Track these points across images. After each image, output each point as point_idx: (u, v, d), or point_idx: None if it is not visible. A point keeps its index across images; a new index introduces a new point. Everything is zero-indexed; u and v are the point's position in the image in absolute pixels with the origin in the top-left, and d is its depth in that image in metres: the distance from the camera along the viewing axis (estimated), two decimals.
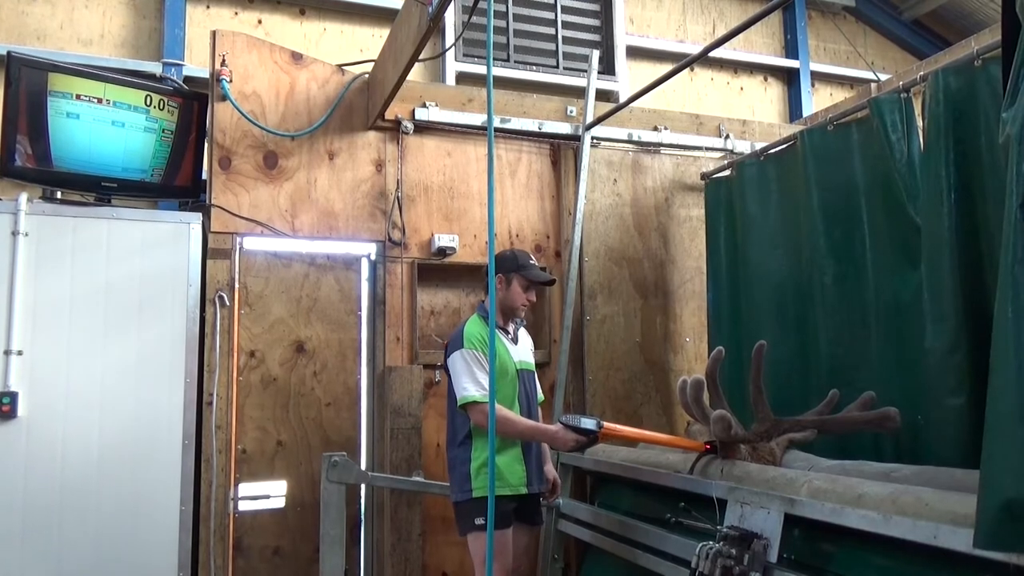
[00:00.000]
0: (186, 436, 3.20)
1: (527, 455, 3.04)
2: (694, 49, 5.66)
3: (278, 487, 3.47)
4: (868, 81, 5.48)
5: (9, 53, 3.01)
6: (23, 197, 3.04)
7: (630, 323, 4.02)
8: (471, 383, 2.88)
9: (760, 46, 6.08)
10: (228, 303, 3.39)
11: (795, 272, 3.40)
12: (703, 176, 4.11)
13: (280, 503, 3.45)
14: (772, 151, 3.61)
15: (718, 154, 4.36)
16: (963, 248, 2.56)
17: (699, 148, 4.30)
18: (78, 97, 3.11)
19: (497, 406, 2.66)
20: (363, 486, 3.57)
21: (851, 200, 3.12)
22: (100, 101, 3.16)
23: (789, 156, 3.49)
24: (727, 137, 4.35)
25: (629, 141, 4.16)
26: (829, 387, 2.86)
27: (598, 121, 3.91)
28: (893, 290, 2.91)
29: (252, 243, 3.51)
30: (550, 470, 3.25)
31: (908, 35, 6.46)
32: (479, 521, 2.84)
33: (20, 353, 2.97)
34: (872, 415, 2.65)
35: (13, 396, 2.93)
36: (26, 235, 3.01)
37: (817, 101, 6.09)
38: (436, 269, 3.80)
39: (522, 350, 3.19)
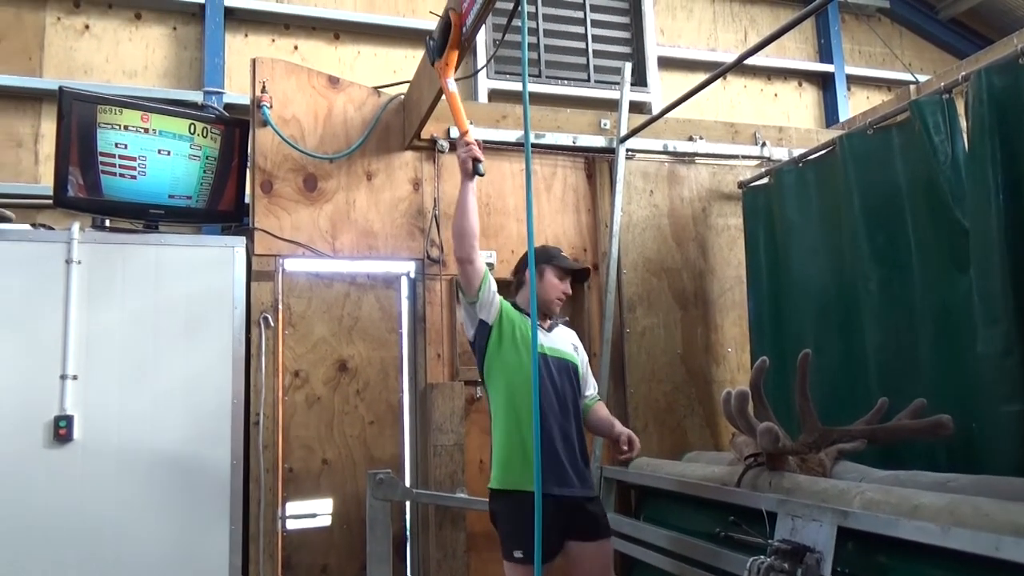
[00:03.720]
0: (234, 456, 3.25)
1: (552, 446, 2.68)
2: (726, 57, 5.64)
3: (324, 505, 3.51)
4: (906, 83, 5.40)
5: (61, 88, 3.13)
6: (75, 227, 3.14)
7: (670, 334, 4.00)
8: None
9: (793, 51, 6.03)
10: (272, 324, 3.46)
11: (838, 278, 3.36)
12: (740, 185, 4.09)
13: (327, 521, 3.49)
14: (811, 157, 3.58)
15: (755, 162, 4.33)
16: (1013, 249, 2.51)
17: (735, 157, 4.27)
18: (126, 128, 3.21)
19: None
20: (408, 503, 3.59)
21: (894, 204, 3.07)
22: (147, 131, 3.26)
23: (828, 162, 3.46)
24: (763, 145, 4.32)
25: (664, 152, 4.16)
26: (877, 395, 2.81)
27: (632, 133, 3.92)
28: (941, 294, 2.85)
29: (294, 264, 3.58)
30: (620, 429, 2.92)
31: (946, 35, 6.35)
32: (517, 554, 2.58)
33: (75, 378, 3.06)
34: (924, 423, 2.59)
35: (69, 420, 3.02)
36: (79, 263, 3.11)
37: (854, 105, 6.00)
38: None
39: (557, 339, 2.97)
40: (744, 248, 3.96)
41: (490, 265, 3.77)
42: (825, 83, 6.07)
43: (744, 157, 4.29)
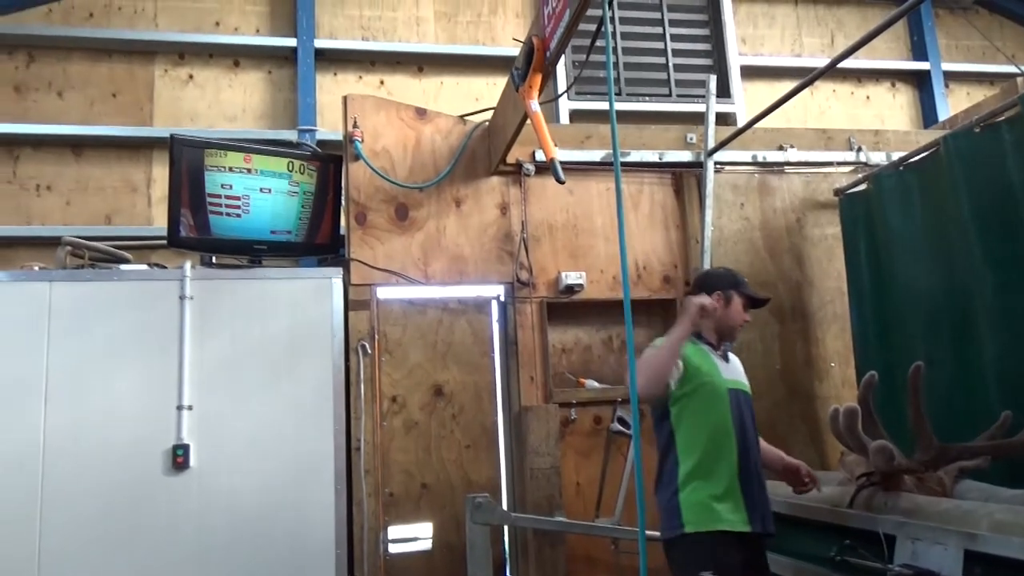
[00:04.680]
0: (338, 481, 3.35)
1: (747, 483, 2.56)
2: (812, 63, 5.49)
3: (424, 529, 3.56)
4: (1011, 76, 5.12)
5: (172, 136, 3.35)
6: (188, 265, 3.33)
7: (768, 350, 3.89)
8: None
9: (884, 51, 5.81)
10: (370, 351, 3.56)
11: (948, 285, 3.19)
12: (836, 192, 3.96)
13: (427, 545, 3.54)
14: (912, 160, 3.43)
15: (850, 168, 4.19)
16: None
17: (829, 164, 4.15)
18: (230, 169, 3.40)
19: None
20: (506, 526, 3.60)
21: (1007, 204, 2.91)
22: (249, 171, 3.44)
23: (932, 163, 3.31)
24: (859, 150, 4.17)
25: (754, 163, 4.08)
26: (998, 408, 2.65)
27: (720, 146, 3.86)
28: None
29: (388, 292, 3.69)
30: (791, 461, 2.81)
31: None
32: None
33: (190, 408, 3.23)
34: None
35: (186, 448, 3.18)
36: (191, 298, 3.30)
37: (953, 103, 5.73)
38: (565, 307, 3.84)
39: (734, 370, 2.82)
40: (844, 258, 3.82)
41: (580, 286, 3.78)
42: (920, 82, 5.82)
43: (839, 164, 4.15)
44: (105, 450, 3.15)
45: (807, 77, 3.15)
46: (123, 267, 3.48)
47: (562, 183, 2.76)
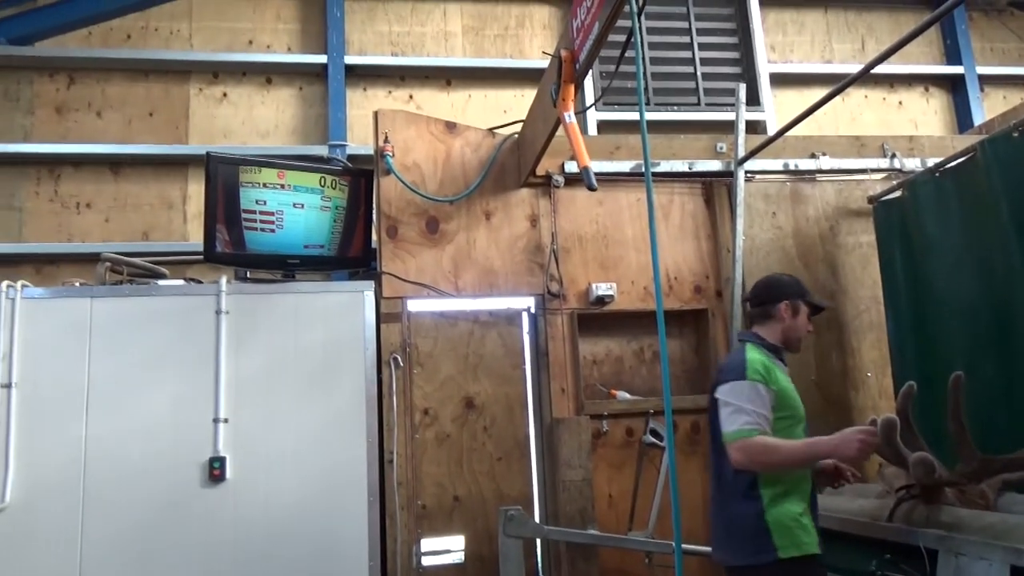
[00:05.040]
0: (371, 493, 3.36)
1: (814, 501, 2.51)
2: (842, 69, 5.45)
3: (457, 542, 3.56)
4: None
5: (208, 153, 3.42)
6: (223, 279, 3.39)
7: (803, 360, 3.83)
8: (744, 415, 2.37)
9: (917, 56, 5.73)
10: (402, 364, 3.58)
11: (988, 293, 3.13)
12: (870, 200, 3.91)
13: (459, 557, 3.54)
14: (949, 166, 3.38)
15: (883, 175, 4.13)
16: None
17: (863, 171, 4.10)
18: (264, 185, 3.46)
19: (758, 438, 2.33)
20: (539, 539, 3.59)
21: None
22: (282, 187, 3.50)
23: (969, 169, 3.26)
24: (893, 156, 4.12)
25: (785, 171, 4.05)
26: None
27: (751, 155, 3.84)
28: None
29: (419, 305, 3.71)
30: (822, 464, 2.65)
31: None
32: None
33: (226, 421, 3.27)
34: None
35: (222, 460, 3.23)
36: (227, 313, 3.35)
37: (989, 107, 5.63)
38: (596, 318, 3.83)
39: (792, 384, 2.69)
40: (879, 266, 3.77)
41: (610, 297, 3.77)
42: (955, 86, 5.73)
43: (872, 171, 4.10)
44: (144, 462, 3.21)
45: (839, 84, 3.12)
46: (160, 282, 3.55)
47: (594, 190, 2.76)
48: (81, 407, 3.21)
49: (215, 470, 3.22)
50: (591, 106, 4.66)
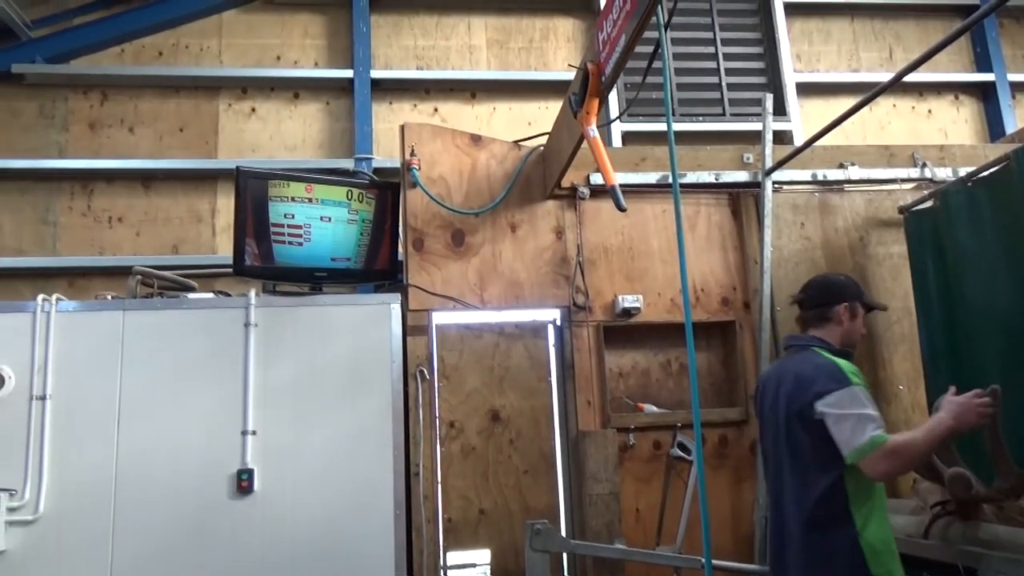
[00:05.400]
0: (397, 506, 3.37)
1: None
2: (869, 78, 5.40)
3: (483, 556, 3.55)
4: None
5: (238, 168, 3.47)
6: (252, 293, 3.43)
7: None
8: (871, 422, 2.20)
9: (946, 64, 5.66)
10: (428, 376, 3.59)
11: (1023, 304, 3.07)
12: (901, 210, 3.86)
13: (485, 572, 3.53)
14: (982, 175, 3.33)
15: (913, 184, 4.08)
16: None
17: (892, 181, 4.04)
18: (292, 199, 3.50)
19: (893, 438, 2.19)
20: (565, 553, 3.57)
21: None
22: (310, 200, 3.54)
23: (1002, 178, 3.20)
24: (923, 166, 4.06)
25: (813, 182, 4.01)
26: None
27: (778, 165, 3.81)
28: None
29: (445, 317, 3.72)
30: None
31: None
32: None
33: (254, 433, 3.30)
34: None
35: (250, 473, 3.25)
36: (256, 326, 3.39)
37: (1021, 115, 5.55)
38: (622, 330, 3.82)
39: None
40: (911, 277, 3.71)
41: (637, 309, 3.76)
42: (985, 94, 5.66)
43: (902, 181, 4.04)
44: (173, 474, 3.24)
45: (869, 93, 3.09)
46: (190, 295, 3.60)
47: (623, 211, 2.74)
48: (113, 419, 3.25)
49: (243, 482, 3.24)
50: (615, 119, 4.66)
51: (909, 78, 5.42)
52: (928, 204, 3.68)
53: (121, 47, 4.88)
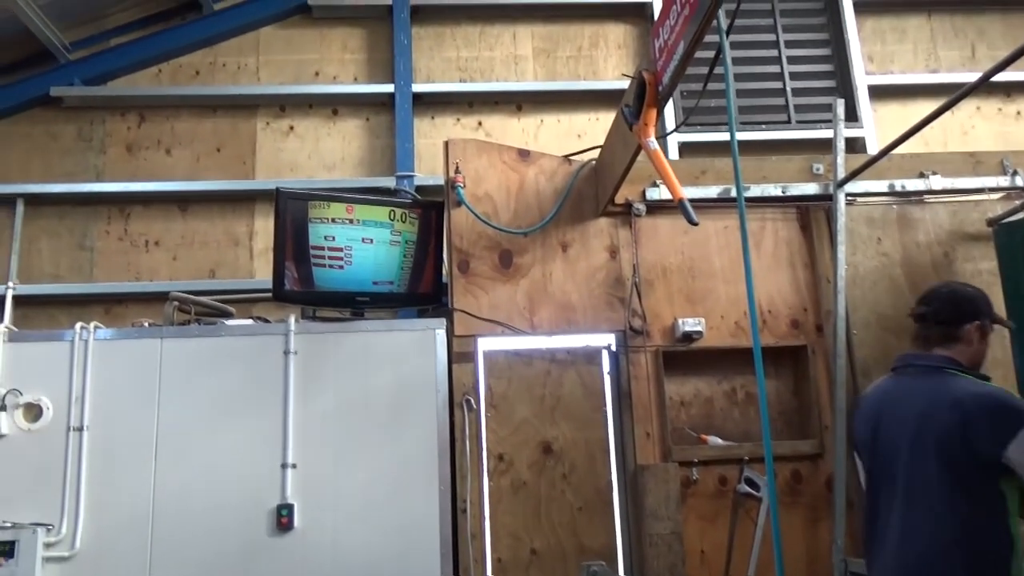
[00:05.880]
0: (443, 545, 3.36)
1: None
2: (950, 78, 5.27)
3: None
4: None
5: (278, 189, 3.55)
6: (292, 319, 3.48)
7: None
8: None
9: None
10: (475, 406, 3.59)
11: None
12: (990, 222, 3.75)
13: None
14: None
15: (1002, 194, 3.95)
16: None
17: (979, 191, 3.93)
18: (333, 220, 3.56)
19: None
20: None
21: None
22: (351, 221, 3.59)
23: None
24: (1014, 173, 3.94)
25: (891, 193, 3.92)
26: None
27: (852, 176, 3.73)
28: None
29: (493, 343, 3.72)
30: None
31: None
32: None
33: (294, 466, 3.34)
34: None
35: (290, 508, 3.29)
36: (295, 353, 3.44)
37: None
38: (682, 356, 3.77)
39: None
40: (1003, 296, 3.58)
41: (698, 333, 3.70)
42: None
43: (990, 190, 3.93)
44: (212, 509, 3.30)
45: (951, 96, 3.01)
46: (228, 322, 3.67)
47: (695, 224, 2.70)
48: (150, 451, 3.34)
49: (283, 518, 3.28)
50: (674, 130, 4.62)
51: (996, 78, 5.28)
52: (1021, 215, 3.57)
53: (158, 67, 5.04)
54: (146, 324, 3.61)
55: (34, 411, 3.36)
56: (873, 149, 4.86)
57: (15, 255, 4.67)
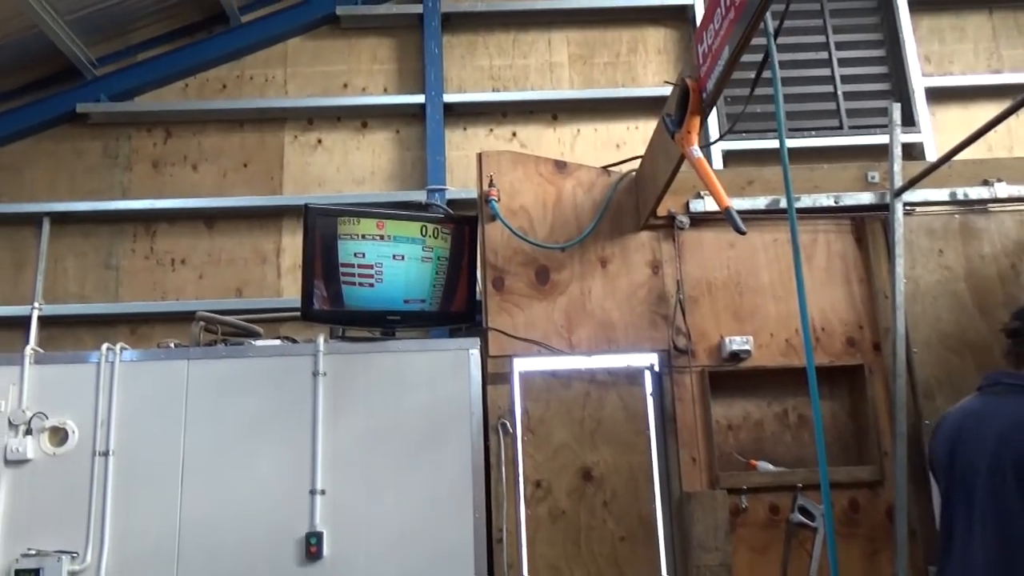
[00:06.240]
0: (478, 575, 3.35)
1: None
2: (1014, 79, 5.18)
3: None
4: None
5: (306, 205, 3.59)
6: (321, 339, 3.52)
7: None
8: None
9: None
10: (511, 430, 3.58)
11: None
12: None
13: None
14: None
15: None
16: None
17: None
18: (363, 237, 3.59)
19: None
20: None
21: None
22: (382, 237, 3.62)
23: None
24: None
25: (952, 202, 3.85)
26: None
27: (910, 184, 3.67)
28: None
29: (529, 364, 3.71)
30: None
31: None
32: None
33: (324, 492, 3.36)
34: None
35: (319, 536, 3.30)
36: (325, 375, 3.47)
37: None
38: (730, 377, 3.72)
39: None
40: None
41: (747, 352, 3.66)
42: None
43: None
44: (239, 537, 3.33)
45: (1019, 97, 2.95)
46: (256, 342, 3.72)
47: (743, 233, 2.69)
48: (176, 477, 3.38)
49: (312, 547, 3.29)
50: (719, 138, 4.60)
51: None
52: None
53: (185, 82, 5.16)
54: (172, 345, 3.67)
55: (59, 435, 3.42)
56: (932, 155, 4.79)
57: (41, 275, 4.79)
